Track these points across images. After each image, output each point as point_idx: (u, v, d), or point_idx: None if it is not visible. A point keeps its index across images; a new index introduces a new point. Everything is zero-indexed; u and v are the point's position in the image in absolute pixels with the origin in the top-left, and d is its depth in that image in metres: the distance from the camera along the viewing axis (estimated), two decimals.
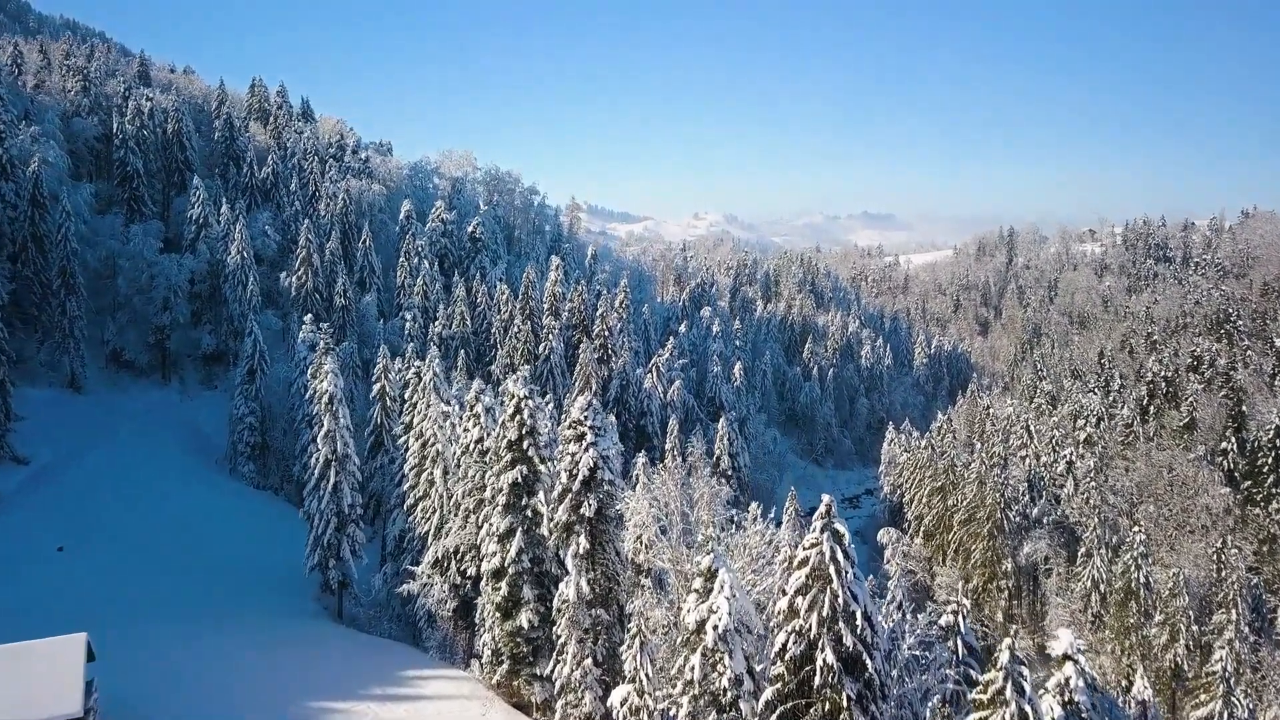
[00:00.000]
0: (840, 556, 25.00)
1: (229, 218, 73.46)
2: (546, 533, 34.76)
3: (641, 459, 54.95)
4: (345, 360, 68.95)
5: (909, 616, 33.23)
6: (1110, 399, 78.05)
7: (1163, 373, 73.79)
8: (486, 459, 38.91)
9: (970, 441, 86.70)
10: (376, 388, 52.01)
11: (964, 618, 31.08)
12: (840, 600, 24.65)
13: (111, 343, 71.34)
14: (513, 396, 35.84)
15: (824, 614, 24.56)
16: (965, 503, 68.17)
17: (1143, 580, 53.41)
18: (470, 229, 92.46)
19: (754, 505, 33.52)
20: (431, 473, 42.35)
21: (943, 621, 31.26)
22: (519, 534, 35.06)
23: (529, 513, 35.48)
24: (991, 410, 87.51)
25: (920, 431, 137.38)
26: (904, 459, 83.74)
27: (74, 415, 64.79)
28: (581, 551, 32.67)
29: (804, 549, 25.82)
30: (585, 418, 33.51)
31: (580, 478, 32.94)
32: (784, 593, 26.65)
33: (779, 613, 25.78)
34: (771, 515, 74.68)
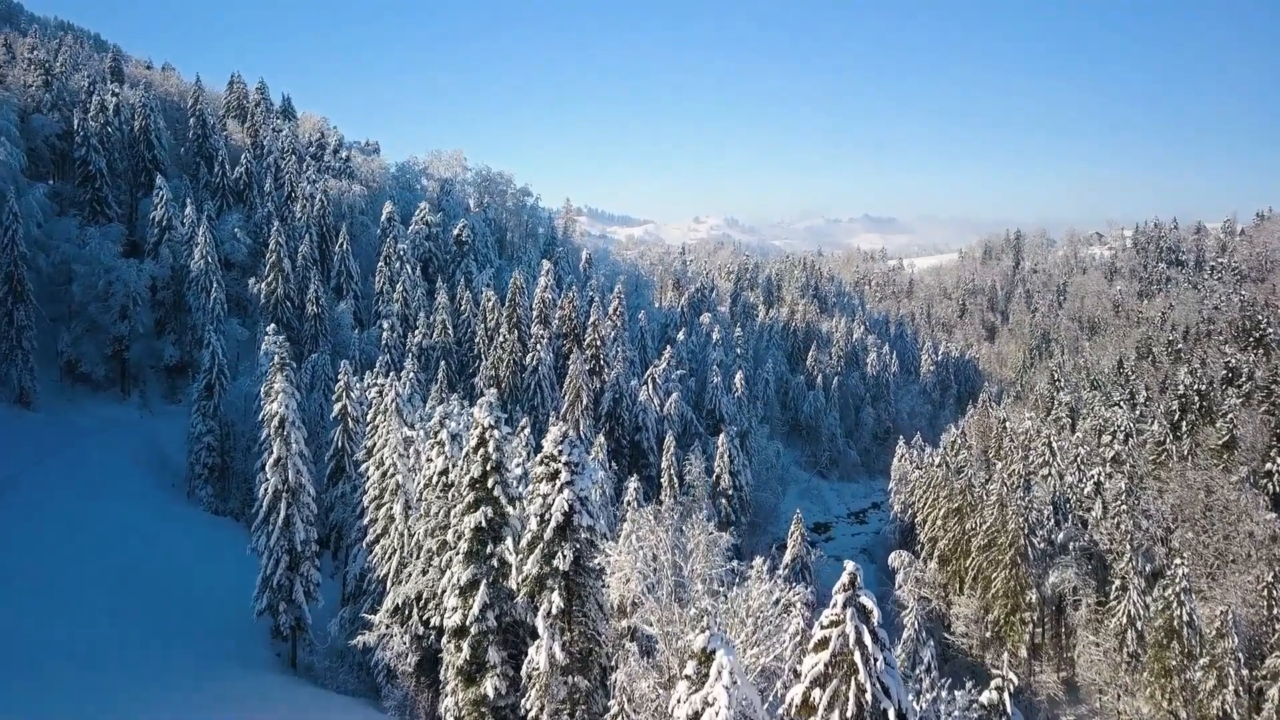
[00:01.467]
0: (868, 640, 19.97)
1: (193, 219, 68.45)
2: (516, 586, 29.73)
3: (633, 484, 49.89)
4: (318, 373, 64.11)
5: (943, 694, 27.99)
6: (1137, 413, 72.96)
7: (1195, 385, 68.72)
8: (450, 495, 33.95)
9: (986, 457, 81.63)
10: (337, 407, 46.99)
11: (1009, 694, 26.07)
12: (869, 696, 19.64)
13: (66, 354, 66.38)
14: (477, 425, 30.81)
15: (848, 713, 19.55)
16: (985, 527, 63.10)
17: (1185, 618, 48.38)
18: (456, 231, 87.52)
19: (758, 561, 28.31)
20: (391, 508, 37.34)
21: (985, 698, 26.24)
22: (483, 587, 30.03)
23: (495, 562, 30.47)
24: (1008, 424, 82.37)
25: (930, 443, 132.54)
26: (916, 476, 78.62)
27: (21, 433, 59.81)
28: (554, 611, 27.69)
29: (823, 627, 20.82)
30: (560, 452, 28.54)
31: (553, 524, 27.96)
32: (796, 675, 21.69)
33: (791, 707, 20.79)
34: (774, 557, 70.04)
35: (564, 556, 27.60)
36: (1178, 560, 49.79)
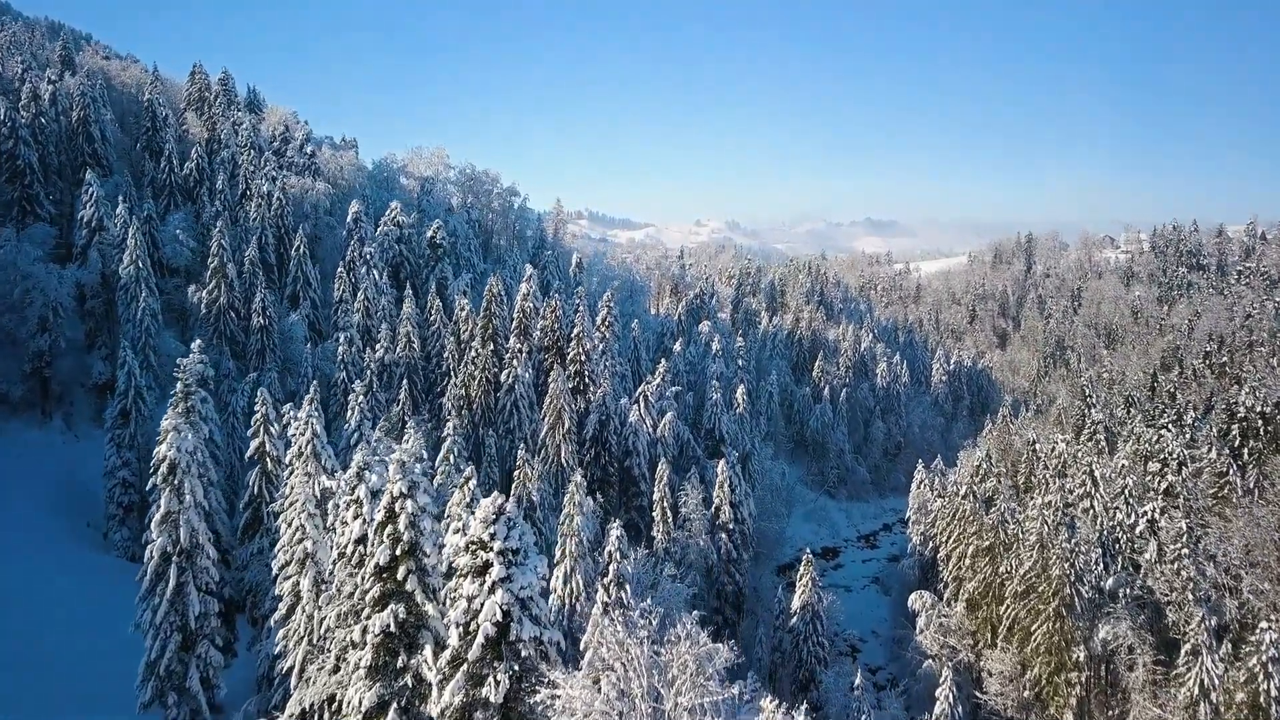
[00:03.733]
0: None
1: (124, 219, 60.52)
2: (436, 715, 21.75)
3: (615, 531, 41.83)
4: (270, 394, 56.11)
5: None
6: (1187, 436, 64.87)
7: (1258, 407, 60.70)
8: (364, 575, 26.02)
9: (1016, 485, 73.58)
10: (254, 444, 38.90)
11: None
12: None
13: None
14: (386, 491, 22.86)
15: None
16: (1022, 571, 55.00)
17: (1275, 694, 40.46)
18: (430, 233, 79.56)
19: (768, 702, 20.14)
20: (298, 582, 29.37)
21: None
22: (393, 715, 22.04)
23: (409, 679, 22.47)
24: (1037, 447, 74.26)
25: (945, 460, 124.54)
26: (938, 506, 70.57)
27: None
28: None
29: None
30: (492, 536, 20.59)
31: (482, 637, 20.00)
32: None
33: None
34: (782, 599, 61.91)
35: (496, 683, 19.69)
36: (1265, 625, 41.77)
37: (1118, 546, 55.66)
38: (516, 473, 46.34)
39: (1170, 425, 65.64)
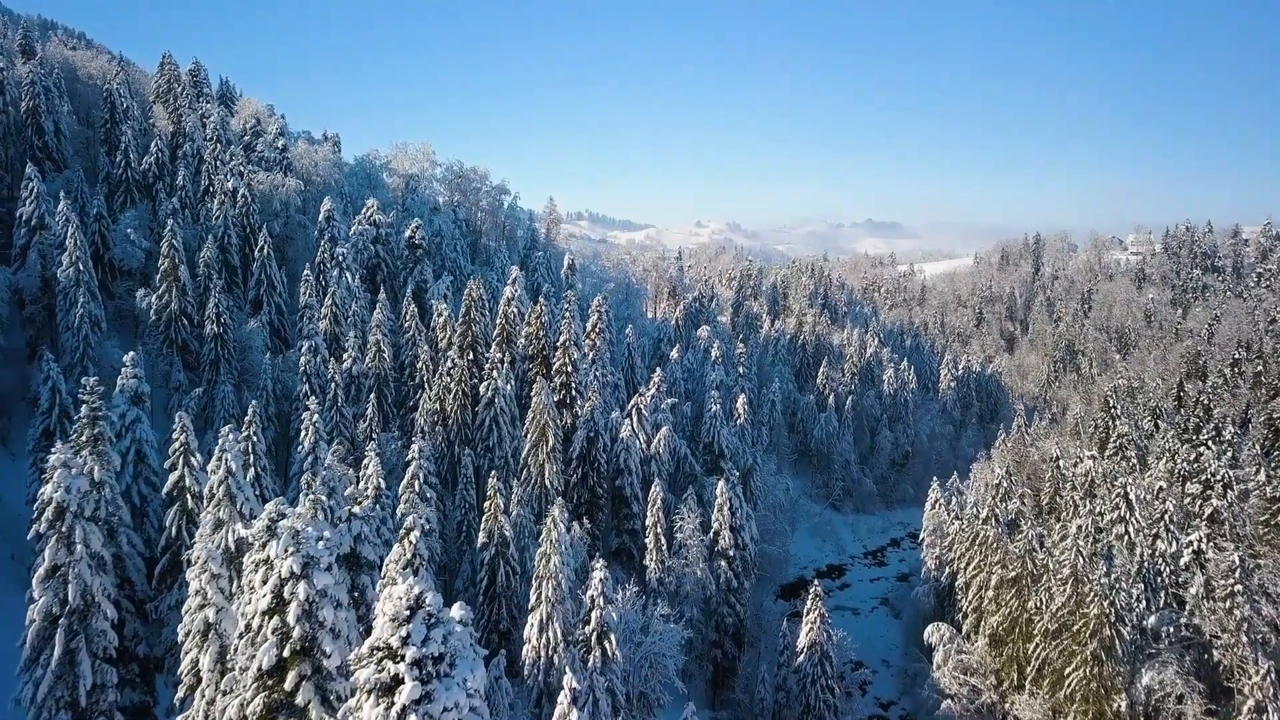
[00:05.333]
0: None
1: (65, 216, 55.09)
2: None
3: (599, 574, 36.69)
4: (220, 410, 50.90)
5: None
6: (1229, 454, 59.45)
7: None
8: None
9: (1039, 506, 68.25)
10: (172, 479, 33.26)
11: None
12: None
13: None
14: (272, 562, 17.41)
15: None
16: (1054, 609, 49.54)
17: None
18: (408, 233, 74.13)
19: None
20: (198, 659, 23.96)
21: None
22: None
23: None
24: (1061, 463, 68.84)
25: (957, 472, 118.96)
26: (955, 529, 65.09)
27: None
28: None
29: None
30: (404, 638, 15.19)
31: None
32: None
33: None
34: (787, 634, 56.38)
35: None
36: None
37: (1160, 579, 50.26)
38: (487, 504, 40.95)
39: (1210, 442, 60.18)
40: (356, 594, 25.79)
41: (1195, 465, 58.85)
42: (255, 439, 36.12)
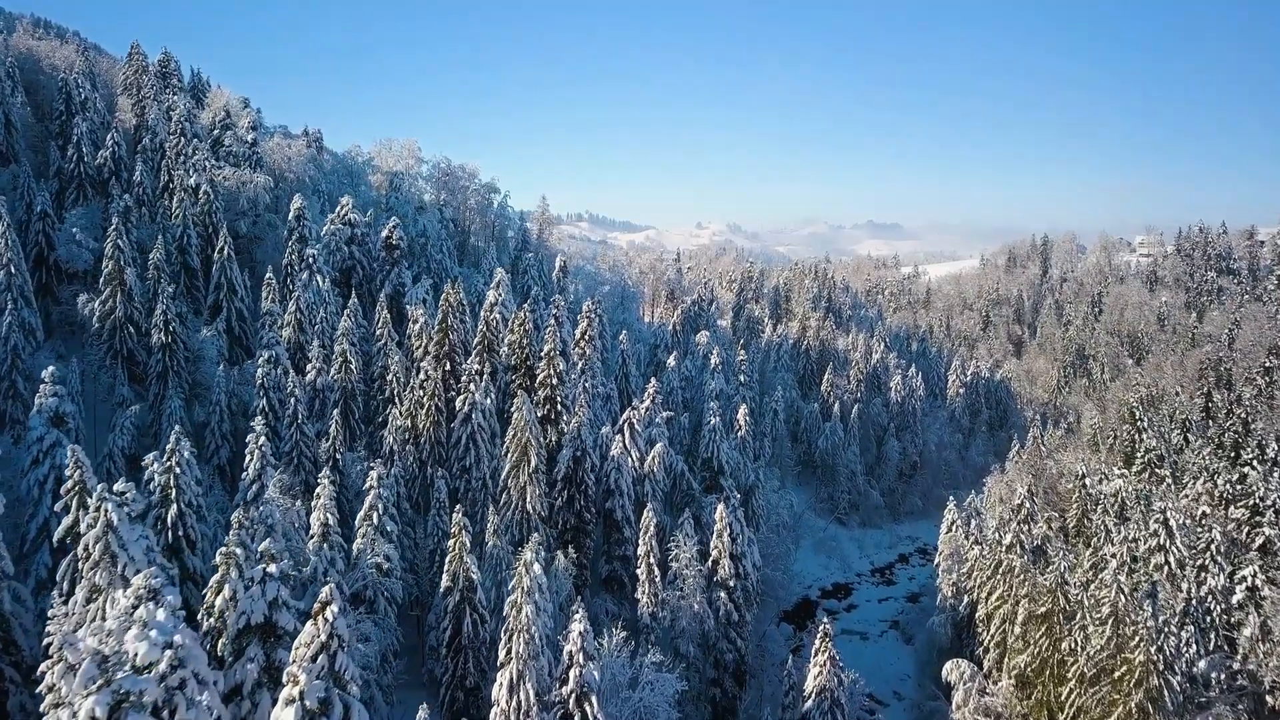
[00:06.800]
0: None
1: None
2: None
3: (579, 624, 31.78)
4: (167, 427, 45.79)
5: None
6: (1276, 475, 54.24)
7: None
8: None
9: (1063, 524, 63.11)
10: (65, 524, 27.84)
11: None
12: None
13: None
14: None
15: None
16: (1091, 652, 44.46)
17: None
18: (385, 233, 69.04)
19: None
20: None
21: None
22: None
23: None
24: (1088, 483, 63.69)
25: (966, 483, 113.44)
26: (974, 554, 59.96)
27: None
28: None
29: None
30: None
31: None
32: None
33: None
34: (792, 674, 51.09)
35: None
36: None
37: (1209, 619, 45.20)
38: (451, 541, 35.83)
39: (1255, 462, 55.07)
40: (272, 671, 20.74)
41: (1240, 488, 53.76)
42: (180, 470, 31.04)
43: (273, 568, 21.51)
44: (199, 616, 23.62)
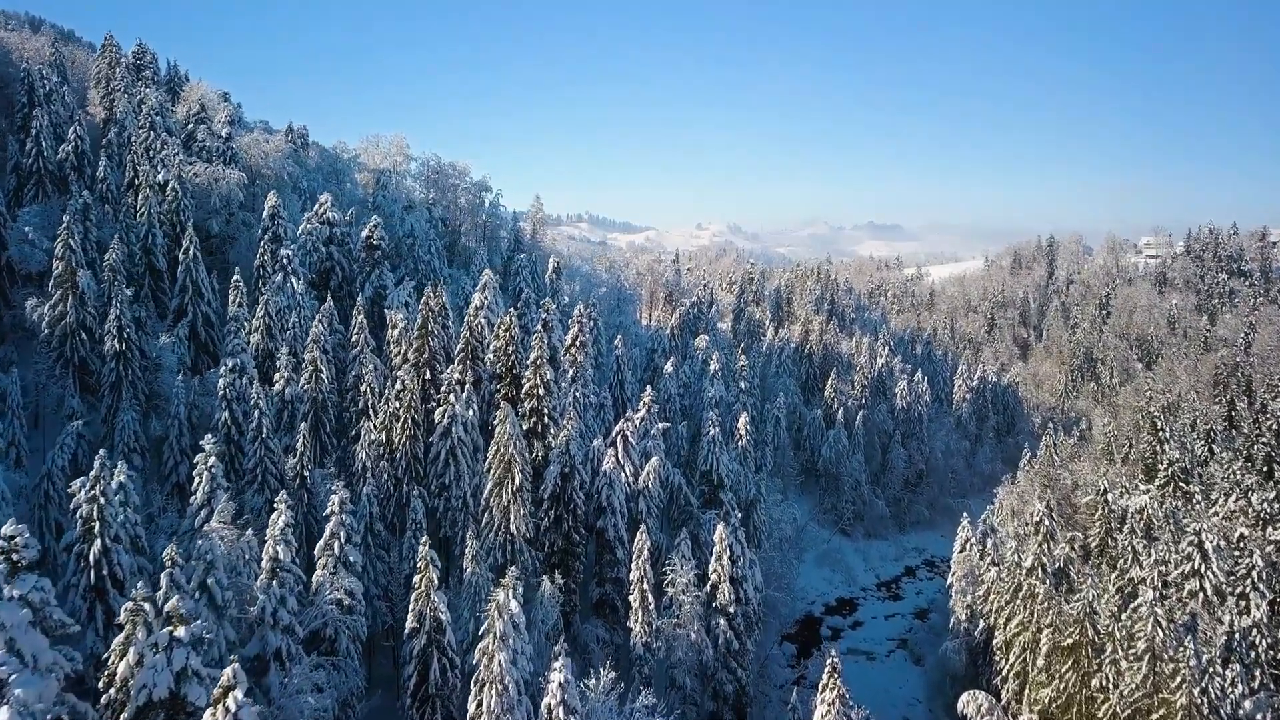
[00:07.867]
0: None
1: None
2: None
3: (559, 675, 28.19)
4: (122, 442, 42.12)
5: None
6: None
7: None
8: None
9: (1085, 542, 59.30)
10: None
11: None
12: None
13: None
14: None
15: None
16: (1125, 691, 40.71)
17: None
18: (365, 233, 65.30)
19: None
20: None
21: None
22: None
23: None
24: (1110, 499, 59.86)
25: (973, 491, 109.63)
26: (991, 577, 56.17)
27: None
28: None
29: None
30: None
31: None
32: None
33: None
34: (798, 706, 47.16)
35: None
36: None
37: (1254, 654, 41.47)
38: (417, 577, 32.04)
39: None
40: None
41: (1278, 506, 50.01)
42: (106, 499, 27.30)
43: (181, 631, 17.88)
44: (100, 685, 20.01)
